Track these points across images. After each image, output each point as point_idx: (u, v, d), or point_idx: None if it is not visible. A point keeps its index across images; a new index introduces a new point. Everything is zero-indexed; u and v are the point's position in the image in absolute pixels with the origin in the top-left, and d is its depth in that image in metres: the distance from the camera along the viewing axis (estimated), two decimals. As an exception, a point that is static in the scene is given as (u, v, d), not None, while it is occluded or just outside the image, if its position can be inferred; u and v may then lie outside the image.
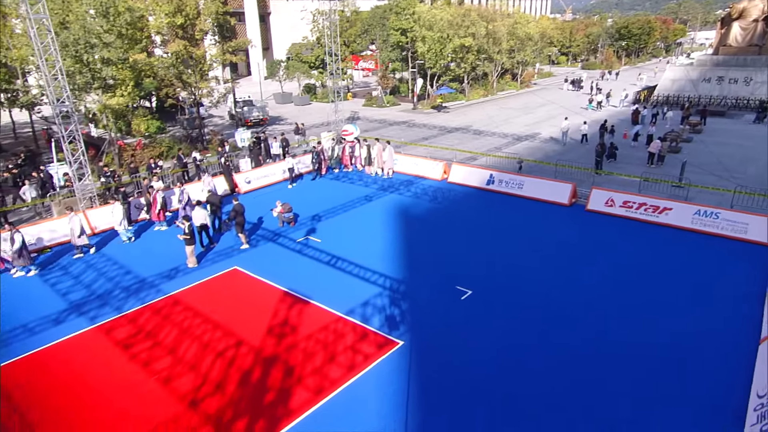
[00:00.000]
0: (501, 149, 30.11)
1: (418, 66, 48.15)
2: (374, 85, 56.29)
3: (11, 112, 32.43)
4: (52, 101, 18.54)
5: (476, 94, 52.49)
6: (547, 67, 79.92)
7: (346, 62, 50.77)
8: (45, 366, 11.43)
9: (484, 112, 44.06)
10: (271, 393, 10.32)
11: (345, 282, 14.75)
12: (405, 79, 55.10)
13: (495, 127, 37.49)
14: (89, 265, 16.44)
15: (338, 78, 29.89)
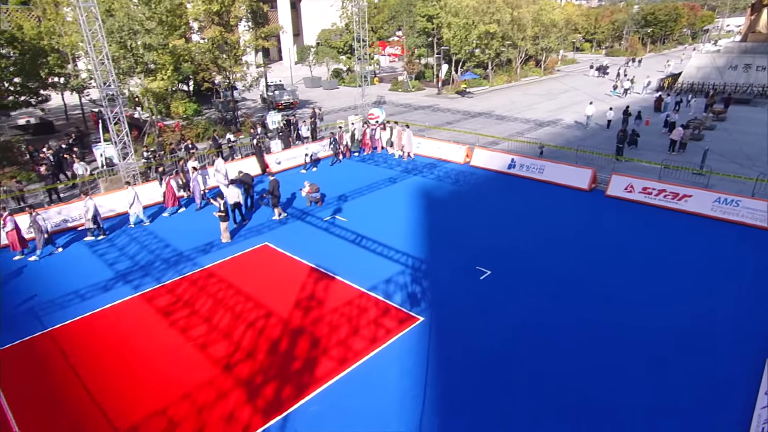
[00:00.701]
0: (523, 134, 29.59)
1: (444, 52, 47.37)
2: (400, 71, 55.61)
3: (63, 95, 33.23)
4: (99, 85, 18.96)
5: (500, 79, 51.46)
6: (570, 53, 77.43)
7: (374, 48, 50.32)
8: (95, 329, 11.94)
9: (507, 98, 43.22)
10: (298, 361, 10.57)
11: (369, 260, 14.87)
12: (430, 64, 54.33)
13: (518, 112, 36.78)
14: (132, 238, 16.95)
15: (365, 63, 29.67)
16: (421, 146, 25.67)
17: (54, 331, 11.90)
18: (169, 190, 18.55)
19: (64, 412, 9.42)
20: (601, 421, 8.94)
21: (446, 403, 9.44)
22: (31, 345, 11.45)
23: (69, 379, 10.28)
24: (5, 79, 24.14)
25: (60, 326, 12.06)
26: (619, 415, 9.04)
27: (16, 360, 10.95)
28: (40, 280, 14.30)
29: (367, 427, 8.91)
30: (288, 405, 9.39)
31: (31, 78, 26.27)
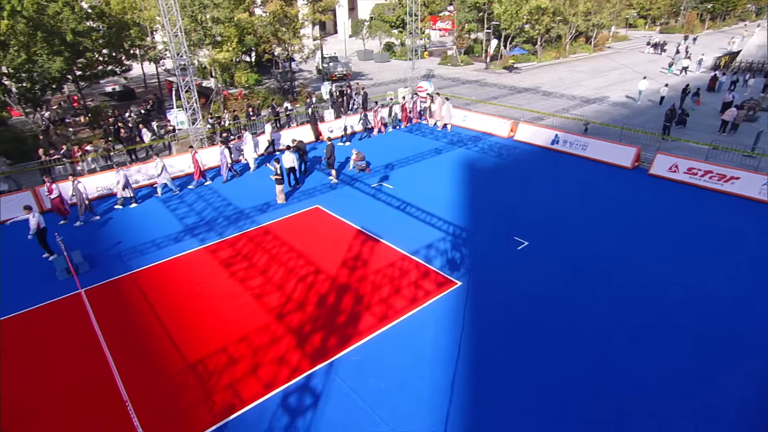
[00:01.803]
0: (568, 111, 28.24)
1: (494, 27, 45.33)
2: (450, 45, 53.87)
3: (142, 65, 34.38)
4: (173, 55, 19.48)
5: (548, 56, 48.88)
6: (623, 30, 72.20)
7: (425, 22, 48.76)
8: (168, 274, 12.70)
9: (554, 74, 41.13)
10: (342, 315, 10.88)
11: (412, 225, 14.89)
12: (480, 39, 52.19)
13: (564, 89, 35.01)
14: (199, 196, 17.67)
15: (416, 37, 28.90)
16: (467, 120, 25.04)
17: (135, 273, 12.78)
18: (195, 163, 18.37)
19: (145, 342, 10.20)
20: (629, 396, 8.79)
21: (478, 361, 9.51)
22: (118, 284, 12.37)
23: (147, 315, 11.08)
24: (96, 51, 25.16)
25: (140, 270, 12.94)
26: (645, 390, 8.85)
27: (107, 295, 11.88)
28: (124, 230, 15.27)
29: (402, 378, 9.15)
30: (332, 353, 9.74)
31: (117, 49, 27.27)
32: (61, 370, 9.60)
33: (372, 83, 37.82)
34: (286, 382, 9.06)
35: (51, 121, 25.51)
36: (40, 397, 8.99)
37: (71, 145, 20.39)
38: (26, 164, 19.81)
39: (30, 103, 22.33)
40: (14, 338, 10.59)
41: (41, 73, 20.96)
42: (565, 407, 8.46)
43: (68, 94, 31.16)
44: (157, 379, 9.26)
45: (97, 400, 8.86)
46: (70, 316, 11.20)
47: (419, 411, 8.45)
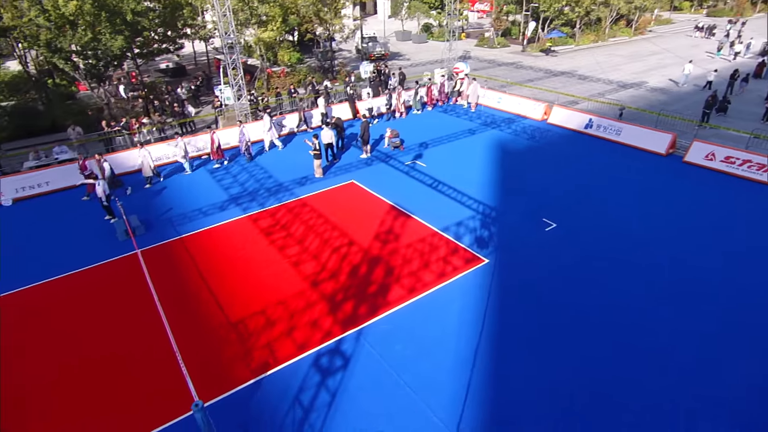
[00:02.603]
0: (604, 95, 26.84)
1: (532, 9, 43.20)
2: (487, 27, 51.85)
3: (193, 44, 34.74)
4: (221, 34, 19.54)
5: (586, 39, 46.28)
6: (666, 13, 67.43)
7: (464, 3, 47.00)
8: (213, 240, 13.05)
9: (592, 58, 39.05)
10: (373, 285, 10.92)
11: (443, 203, 14.67)
12: (517, 21, 49.93)
13: (601, 73, 33.23)
14: (243, 168, 17.95)
15: (454, 18, 27.88)
16: (501, 102, 24.21)
17: (184, 238, 13.20)
18: (213, 143, 17.93)
19: (192, 300, 10.58)
20: (651, 380, 8.50)
21: (501, 337, 9.39)
22: (169, 247, 12.82)
23: (194, 276, 11.46)
24: (152, 30, 25.53)
25: (189, 234, 13.35)
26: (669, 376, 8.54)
27: (159, 256, 12.35)
28: (175, 197, 15.73)
29: (428, 347, 9.15)
30: (362, 321, 9.83)
31: (171, 28, 27.56)
32: (120, 320, 10.11)
33: (409, 63, 37.01)
34: (318, 345, 9.24)
35: (112, 94, 26.30)
36: (102, 341, 9.51)
37: (129, 118, 21.01)
38: (91, 135, 20.57)
39: (95, 78, 23.01)
40: (82, 290, 11.20)
41: (105, 51, 21.48)
42: (585, 387, 8.28)
43: (127, 70, 31.94)
44: (202, 334, 9.62)
45: (150, 347, 9.31)
46: (128, 273, 11.72)
47: (442, 379, 8.46)
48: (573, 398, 8.04)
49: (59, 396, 8.39)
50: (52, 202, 15.56)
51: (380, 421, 7.75)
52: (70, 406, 8.19)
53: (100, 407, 8.14)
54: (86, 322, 10.14)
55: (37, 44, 20.31)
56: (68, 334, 9.83)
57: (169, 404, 8.08)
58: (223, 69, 22.88)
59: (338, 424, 7.72)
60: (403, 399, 8.12)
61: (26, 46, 21.52)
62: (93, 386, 8.56)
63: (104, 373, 8.83)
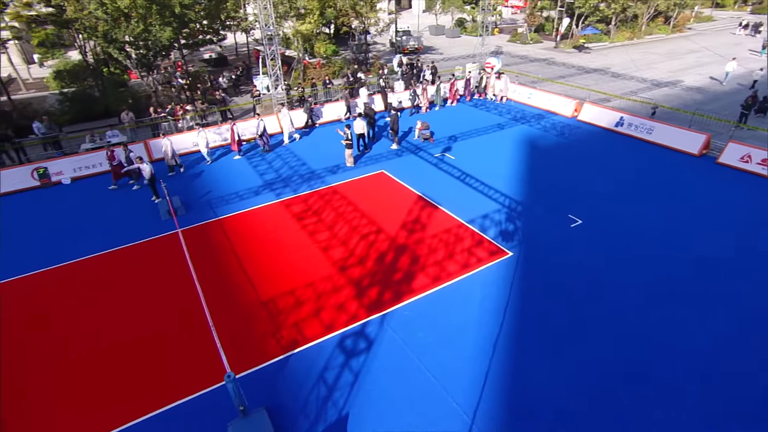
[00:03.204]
0: (637, 93, 25.63)
1: (567, 5, 41.52)
2: (521, 22, 50.28)
3: (235, 35, 35.16)
4: (262, 26, 19.66)
5: (621, 36, 44.14)
6: (708, 10, 63.52)
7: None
8: (248, 222, 13.28)
9: (626, 56, 37.33)
10: (399, 273, 10.88)
11: (470, 195, 14.43)
12: (551, 17, 48.16)
13: (635, 71, 31.74)
14: (277, 155, 18.14)
15: (488, 13, 27.13)
16: (532, 97, 23.50)
17: (221, 219, 13.48)
18: (232, 135, 17.93)
19: (227, 278, 10.83)
20: (670, 377, 8.17)
21: (522, 328, 9.21)
22: (207, 227, 13.13)
23: (230, 256, 11.71)
24: (197, 22, 25.97)
25: (225, 217, 13.63)
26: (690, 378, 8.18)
27: (198, 236, 12.67)
28: (213, 181, 16.07)
29: (449, 335, 9.07)
30: (386, 306, 9.82)
31: (215, 20, 27.96)
32: (161, 293, 10.46)
33: (441, 57, 36.38)
34: (343, 327, 9.29)
35: (159, 83, 26.98)
36: (144, 312, 9.87)
37: (174, 105, 21.51)
38: (140, 120, 21.20)
39: (145, 67, 23.65)
40: (128, 264, 11.63)
41: (154, 42, 22.01)
42: (602, 382, 8.04)
43: (174, 60, 32.68)
44: (235, 311, 9.84)
45: (187, 320, 9.59)
46: (169, 251, 12.09)
47: (462, 366, 8.38)
48: (590, 392, 7.82)
49: (104, 360, 8.78)
50: (105, 181, 16.15)
51: (401, 403, 7.76)
52: (113, 370, 8.56)
53: (141, 373, 8.47)
54: (130, 294, 10.53)
55: (95, 35, 21.03)
56: (114, 304, 10.24)
57: (204, 374, 8.32)
58: (262, 59, 23.09)
59: (360, 403, 7.77)
60: (424, 383, 8.09)
61: (86, 37, 22.30)
62: (134, 353, 8.90)
63: (145, 341, 9.17)
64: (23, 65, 31.62)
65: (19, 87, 28.88)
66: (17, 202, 15.17)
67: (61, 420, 7.65)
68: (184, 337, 9.23)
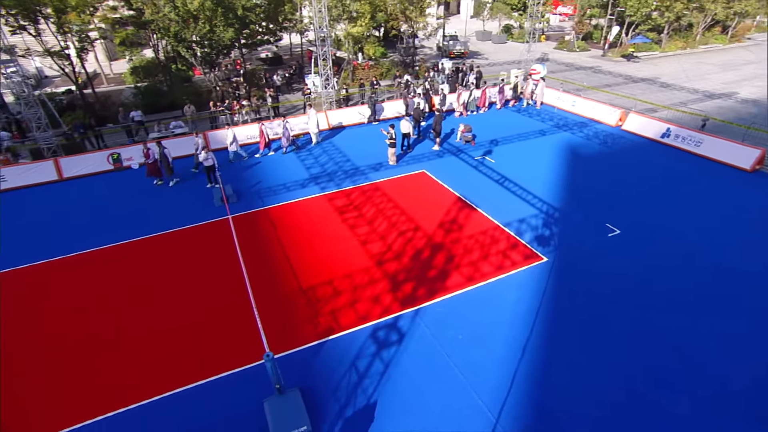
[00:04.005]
0: (686, 105, 23.96)
1: (617, 13, 39.34)
2: (568, 30, 48.25)
3: (290, 36, 35.88)
4: (316, 28, 19.92)
5: (673, 45, 41.27)
6: (771, 18, 58.33)
7: (546, 6, 44.02)
8: (293, 213, 13.53)
9: (677, 65, 34.98)
10: (433, 270, 10.74)
11: (508, 199, 14.02)
12: (600, 25, 45.87)
13: (686, 81, 29.67)
14: (324, 150, 18.36)
15: (536, 20, 26.20)
16: (576, 105, 22.50)
17: (268, 209, 13.82)
18: (261, 134, 17.96)
19: (270, 264, 11.09)
20: (698, 389, 7.59)
21: (552, 333, 8.85)
22: (255, 215, 13.50)
23: (274, 243, 11.98)
24: (257, 23, 26.72)
25: (272, 206, 13.95)
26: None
27: (246, 223, 13.05)
28: (263, 172, 16.50)
29: (480, 335, 8.85)
30: (420, 302, 9.71)
31: (273, 22, 28.67)
32: (210, 274, 10.85)
33: (487, 63, 35.57)
34: (377, 319, 9.28)
35: (220, 79, 28.00)
36: (193, 291, 10.28)
37: (232, 100, 22.25)
38: (201, 113, 22.11)
39: (208, 64, 24.62)
40: (182, 245, 12.17)
41: (218, 41, 22.87)
42: (630, 392, 7.60)
43: (234, 58, 33.81)
44: (276, 295, 10.05)
45: (232, 300, 9.90)
46: (220, 235, 12.52)
47: (490, 366, 8.17)
48: (616, 399, 7.41)
49: (157, 330, 9.22)
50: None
51: (427, 396, 7.66)
52: (164, 341, 8.97)
53: (189, 346, 8.83)
54: (183, 273, 11.00)
55: (167, 35, 22.11)
56: (168, 281, 10.73)
57: (245, 352, 8.56)
58: (314, 59, 23.43)
59: (389, 392, 7.74)
60: (451, 379, 7.95)
61: (159, 37, 23.51)
62: (184, 327, 9.29)
63: (194, 317, 9.55)
64: (106, 62, 33.74)
65: (102, 81, 30.85)
66: (96, 182, 16.23)
67: (126, 378, 8.13)
68: (229, 315, 9.54)
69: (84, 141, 19.11)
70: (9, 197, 15.42)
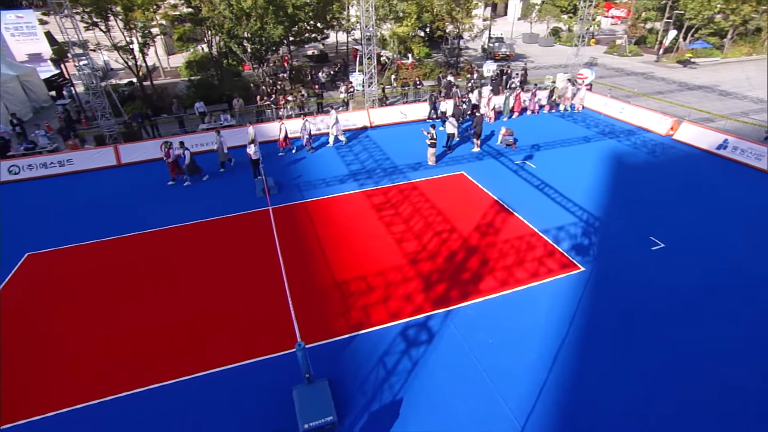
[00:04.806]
0: (748, 115, 22.25)
1: (675, 16, 37.02)
2: (620, 33, 46.01)
3: (337, 34, 36.38)
4: (362, 27, 20.08)
5: (737, 51, 38.21)
6: None
7: (598, 9, 42.14)
8: (331, 207, 13.74)
9: (740, 72, 32.52)
10: (467, 273, 10.60)
11: (547, 205, 13.59)
12: (655, 29, 43.35)
13: (749, 89, 27.53)
14: (364, 147, 18.49)
15: (587, 23, 25.17)
16: (624, 112, 21.42)
17: (307, 202, 14.10)
18: (280, 132, 17.75)
19: (307, 256, 11.33)
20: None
21: (587, 344, 8.52)
22: (294, 208, 13.82)
23: (311, 236, 12.22)
24: (306, 21, 27.26)
25: (311, 200, 14.23)
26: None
27: (285, 214, 13.39)
28: (305, 166, 16.84)
29: (510, 340, 8.67)
30: (451, 303, 9.63)
31: (321, 20, 29.17)
32: (248, 262, 11.22)
33: (532, 66, 34.53)
34: (408, 317, 9.28)
35: (267, 75, 28.81)
36: (232, 276, 10.68)
37: (278, 95, 22.84)
38: (248, 106, 22.86)
39: (257, 60, 25.40)
40: (225, 232, 12.65)
41: (267, 38, 23.54)
42: (663, 411, 7.18)
43: (281, 55, 34.67)
44: (311, 287, 10.26)
45: (268, 289, 10.20)
46: (260, 225, 12.91)
47: (519, 373, 7.99)
48: (646, 419, 7.06)
49: (194, 311, 9.65)
50: (215, 159, 17.61)
51: (454, 397, 7.60)
52: (201, 325, 9.37)
53: (225, 329, 9.17)
54: (223, 259, 11.43)
55: (221, 32, 23.01)
56: (207, 267, 11.19)
57: (277, 339, 8.81)
58: (359, 58, 23.63)
59: (415, 390, 7.73)
60: (478, 383, 7.84)
61: (213, 33, 24.50)
62: (222, 310, 9.66)
63: (229, 302, 9.91)
64: (164, 56, 35.54)
65: (159, 74, 32.53)
66: (149, 169, 17.15)
67: (170, 355, 8.59)
68: (264, 303, 9.83)
69: (141, 130, 20.23)
70: (75, 179, 16.60)
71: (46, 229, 13.17)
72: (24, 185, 16.36)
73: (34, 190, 15.91)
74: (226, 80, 25.59)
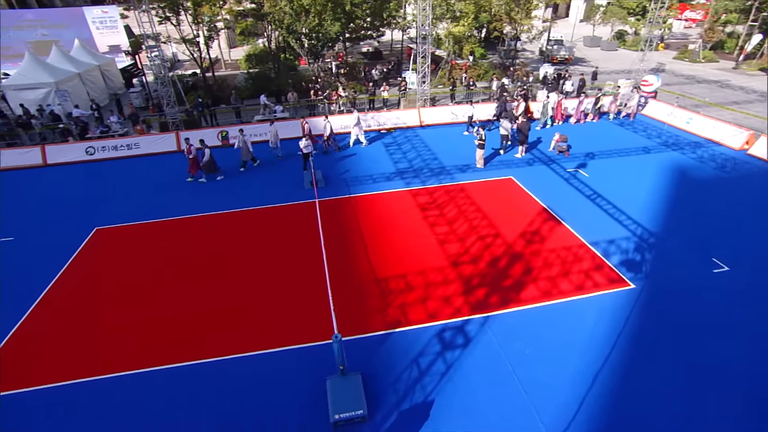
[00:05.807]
0: None
1: (762, 19, 33.74)
2: (694, 38, 42.75)
3: (392, 32, 36.57)
4: (418, 26, 20.06)
5: (832, 60, 34.48)
6: None
7: (671, 10, 39.28)
8: (376, 204, 13.90)
9: (835, 83, 29.32)
10: (509, 280, 10.37)
11: (598, 216, 13.00)
12: (736, 33, 39.82)
13: None
14: (413, 146, 18.49)
15: (656, 26, 23.59)
16: (691, 123, 19.96)
17: (353, 197, 14.35)
18: (304, 131, 17.60)
19: (349, 250, 11.55)
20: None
21: (632, 364, 8.08)
22: (340, 202, 14.11)
23: (355, 231, 12.43)
24: (362, 18, 27.61)
25: (357, 195, 14.46)
26: None
27: (331, 208, 13.72)
28: (353, 162, 17.13)
29: (548, 353, 8.40)
30: (491, 309, 9.47)
31: (377, 18, 29.43)
32: (293, 251, 11.61)
33: (592, 71, 33.00)
34: (445, 319, 9.24)
35: (322, 70, 29.47)
36: (277, 263, 11.09)
37: (331, 91, 23.32)
38: (301, 100, 23.52)
39: (313, 55, 26.08)
40: (273, 221, 13.15)
41: (324, 34, 24.10)
42: (731, 455, 6.68)
43: (337, 51, 35.32)
44: (351, 281, 10.45)
45: (310, 279, 10.50)
46: (306, 216, 13.30)
47: (556, 387, 7.73)
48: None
49: (239, 297, 10.11)
50: (267, 149, 18.30)
51: (486, 404, 7.49)
52: (244, 310, 9.80)
53: (268, 315, 9.55)
54: (269, 246, 11.89)
55: (281, 27, 23.83)
56: (254, 252, 11.68)
57: (315, 329, 9.06)
58: (413, 56, 23.61)
59: (447, 393, 7.70)
60: (513, 392, 7.67)
61: (273, 28, 25.41)
62: (262, 298, 10.06)
63: (273, 288, 10.30)
64: (226, 49, 37.31)
65: (221, 66, 34.20)
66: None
67: (219, 333, 9.12)
68: (305, 292, 10.13)
69: (200, 118, 21.38)
70: (141, 162, 17.87)
71: (113, 206, 14.30)
72: (97, 165, 17.84)
73: (104, 170, 17.32)
74: (283, 74, 26.46)
